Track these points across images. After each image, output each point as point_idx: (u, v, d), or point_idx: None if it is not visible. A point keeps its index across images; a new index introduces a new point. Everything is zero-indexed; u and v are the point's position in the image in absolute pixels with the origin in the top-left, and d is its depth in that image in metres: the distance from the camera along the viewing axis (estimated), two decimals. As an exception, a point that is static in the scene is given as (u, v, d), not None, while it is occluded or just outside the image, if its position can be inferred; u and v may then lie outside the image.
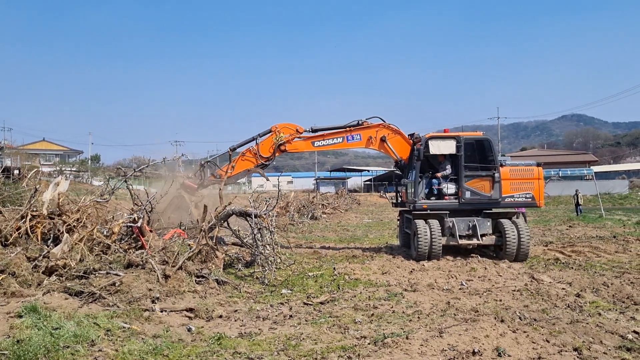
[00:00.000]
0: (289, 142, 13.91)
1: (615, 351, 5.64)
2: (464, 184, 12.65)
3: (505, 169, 12.78)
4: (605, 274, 10.33)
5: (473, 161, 12.90)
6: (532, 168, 13.01)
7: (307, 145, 14.12)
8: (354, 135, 13.94)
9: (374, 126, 13.97)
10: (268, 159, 13.96)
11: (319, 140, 14.05)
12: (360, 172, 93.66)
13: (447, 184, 12.95)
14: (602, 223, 23.05)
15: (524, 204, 12.85)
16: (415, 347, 5.59)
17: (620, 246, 14.76)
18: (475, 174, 12.76)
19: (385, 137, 13.76)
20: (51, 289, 7.50)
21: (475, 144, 13.12)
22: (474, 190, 12.66)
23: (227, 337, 6.20)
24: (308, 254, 13.95)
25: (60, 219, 8.84)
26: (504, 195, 12.63)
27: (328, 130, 14.03)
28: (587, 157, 79.43)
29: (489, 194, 12.65)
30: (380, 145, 13.88)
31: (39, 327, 5.84)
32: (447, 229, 12.62)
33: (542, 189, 12.86)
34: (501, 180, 12.59)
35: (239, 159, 13.94)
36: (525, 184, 12.79)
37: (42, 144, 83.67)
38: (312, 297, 8.57)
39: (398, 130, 14.00)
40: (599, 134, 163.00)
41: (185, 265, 8.79)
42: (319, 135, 14.04)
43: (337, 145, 14.16)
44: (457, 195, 12.74)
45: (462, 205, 12.64)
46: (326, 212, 32.41)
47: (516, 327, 6.41)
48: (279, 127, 13.91)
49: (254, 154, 13.88)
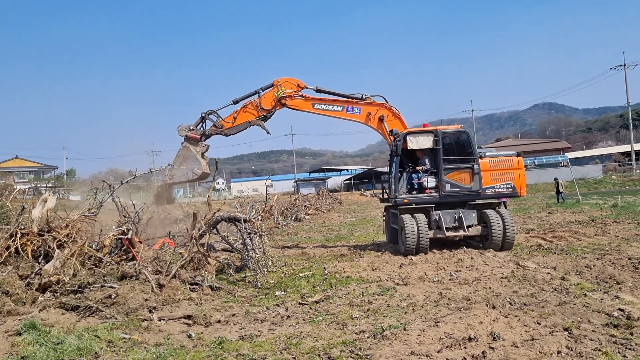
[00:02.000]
0: (290, 97, 14.12)
1: (603, 328, 5.90)
2: (444, 177, 12.74)
3: (484, 161, 12.93)
4: (587, 257, 10.67)
5: (452, 154, 12.94)
6: (511, 158, 13.15)
7: (308, 106, 14.22)
8: (354, 107, 14.06)
9: (375, 104, 14.06)
10: (269, 111, 14.16)
11: (320, 104, 14.20)
12: (339, 172, 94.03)
13: (427, 178, 13.04)
14: (580, 208, 23.61)
15: (505, 194, 12.96)
16: (414, 337, 5.77)
17: (599, 229, 15.21)
18: (454, 167, 12.83)
19: (384, 118, 13.87)
20: (47, 305, 7.51)
21: (453, 137, 13.17)
22: (454, 183, 12.76)
23: (229, 340, 6.30)
24: (297, 256, 14.06)
25: (50, 235, 8.82)
26: (485, 187, 12.76)
27: (331, 95, 14.20)
28: (560, 144, 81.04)
29: (469, 186, 12.76)
30: (377, 125, 13.96)
31: (41, 343, 5.87)
32: (434, 222, 12.71)
33: (523, 179, 12.99)
34: (481, 171, 12.71)
35: (240, 111, 14.25)
36: (505, 174, 12.90)
37: (15, 161, 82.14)
38: (307, 296, 8.70)
39: (398, 114, 14.04)
40: (570, 121, 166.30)
41: (178, 274, 8.86)
42: (321, 99, 14.21)
43: (336, 113, 14.22)
44: (438, 188, 12.83)
45: (442, 198, 12.73)
46: (309, 214, 32.52)
47: (507, 312, 6.65)
48: (280, 81, 14.12)
49: (256, 107, 14.13)
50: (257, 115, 14.15)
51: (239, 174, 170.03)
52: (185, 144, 14.06)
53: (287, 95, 14.09)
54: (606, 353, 5.01)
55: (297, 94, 14.15)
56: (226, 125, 14.18)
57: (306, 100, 14.21)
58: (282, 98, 14.04)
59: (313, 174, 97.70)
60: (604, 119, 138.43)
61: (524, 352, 5.14)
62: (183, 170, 13.95)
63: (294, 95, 14.15)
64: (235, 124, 14.20)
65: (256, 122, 14.19)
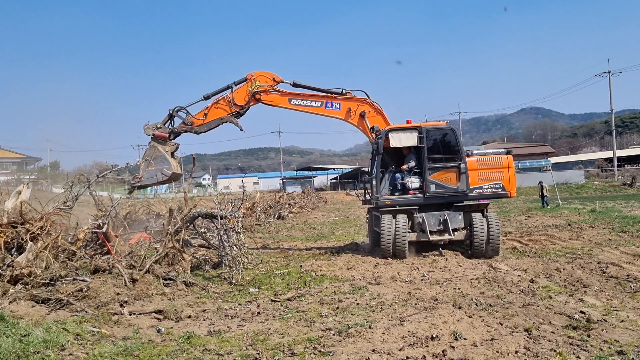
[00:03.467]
0: (265, 92, 13.38)
1: (562, 330, 6.05)
2: (428, 177, 12.06)
3: (471, 159, 12.18)
4: (559, 260, 10.86)
5: (437, 152, 12.20)
6: (500, 157, 12.37)
7: (284, 101, 13.50)
8: (334, 103, 13.40)
9: (356, 99, 13.43)
10: (242, 107, 13.40)
11: (297, 99, 13.48)
12: (326, 171, 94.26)
13: (410, 178, 12.40)
14: (559, 212, 23.95)
15: (494, 195, 12.22)
16: (378, 336, 5.88)
17: (574, 233, 15.47)
18: (440, 166, 12.12)
19: (365, 114, 13.21)
20: (17, 297, 7.48)
21: (438, 134, 12.42)
22: (439, 183, 12.06)
23: (197, 335, 6.36)
24: (275, 253, 14.14)
25: (24, 227, 8.81)
26: (472, 187, 12.02)
27: (309, 90, 13.55)
28: (545, 148, 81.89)
29: (456, 186, 12.03)
30: (358, 122, 13.34)
31: (7, 335, 5.88)
32: (417, 225, 12.02)
33: (512, 178, 12.24)
34: (468, 170, 11.98)
35: (212, 107, 13.44)
36: (494, 173, 12.13)
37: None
38: (280, 294, 8.78)
39: (380, 110, 13.41)
40: (556, 126, 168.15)
41: (152, 269, 8.88)
42: (299, 94, 13.52)
43: (314, 109, 13.49)
44: (422, 189, 12.19)
45: (427, 199, 12.05)
46: (293, 212, 32.61)
47: (472, 312, 6.78)
48: (255, 75, 13.40)
49: (228, 102, 13.37)
50: (229, 111, 13.40)
51: (226, 171, 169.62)
52: (153, 143, 13.15)
53: (261, 90, 13.35)
54: (561, 354, 5.15)
55: (272, 89, 13.46)
56: (196, 122, 13.39)
57: (282, 95, 13.54)
58: (256, 93, 13.32)
59: (300, 172, 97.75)
60: (589, 125, 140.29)
61: (482, 352, 5.26)
62: (151, 171, 13.01)
63: (269, 90, 13.44)
64: (206, 120, 13.40)
65: (228, 119, 13.41)
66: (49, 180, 61.00)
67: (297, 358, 5.36)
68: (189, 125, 13.36)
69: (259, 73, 13.46)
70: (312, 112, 13.54)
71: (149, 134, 13.13)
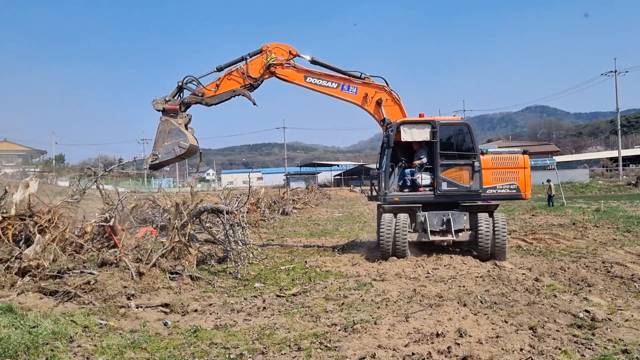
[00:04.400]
0: (281, 65, 12.74)
1: (567, 328, 6.08)
2: (440, 174, 11.50)
3: (486, 157, 11.61)
4: (563, 259, 10.88)
5: (450, 149, 11.70)
6: (517, 156, 11.82)
7: (299, 77, 12.82)
8: (350, 86, 12.76)
9: (374, 85, 12.77)
10: (256, 80, 12.74)
11: (313, 77, 12.82)
12: (330, 167, 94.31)
13: (421, 174, 11.82)
14: (564, 211, 23.94)
15: (508, 196, 11.72)
16: (383, 332, 5.92)
17: (579, 233, 15.48)
18: (452, 163, 11.57)
19: (382, 102, 12.54)
20: (25, 289, 7.56)
21: (452, 130, 11.91)
22: (451, 181, 11.50)
23: (203, 329, 6.42)
24: (280, 249, 14.19)
25: (32, 220, 8.89)
26: (485, 187, 11.46)
27: (327, 70, 12.93)
28: (549, 147, 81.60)
29: (468, 185, 11.46)
30: (375, 109, 12.66)
31: (16, 326, 5.94)
32: (419, 224, 11.48)
33: (528, 179, 11.69)
34: (482, 169, 11.46)
35: (224, 78, 12.78)
36: (509, 173, 11.58)
37: (4, 144, 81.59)
38: (285, 289, 8.83)
39: (398, 100, 12.71)
40: (561, 125, 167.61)
41: (159, 263, 8.94)
42: (315, 72, 12.87)
43: (330, 90, 12.81)
44: (433, 186, 11.61)
45: (437, 197, 11.49)
46: (297, 208, 32.66)
47: (477, 310, 6.82)
48: (270, 46, 12.77)
49: (242, 74, 12.73)
50: (243, 83, 12.72)
51: (230, 166, 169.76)
52: (165, 117, 12.46)
53: (277, 62, 12.68)
54: (566, 352, 5.18)
55: (288, 63, 12.78)
56: (207, 93, 12.67)
57: (298, 71, 12.80)
58: (271, 65, 12.65)
59: (304, 168, 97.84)
60: (594, 124, 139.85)
61: (487, 349, 5.29)
62: (167, 146, 12.31)
63: (284, 64, 12.75)
64: (218, 92, 12.69)
65: (241, 92, 12.71)
66: (54, 174, 61.29)
67: (303, 353, 5.40)
68: (199, 97, 12.72)
69: (274, 45, 12.86)
70: (327, 93, 12.90)
71: (159, 108, 12.52)
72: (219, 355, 5.44)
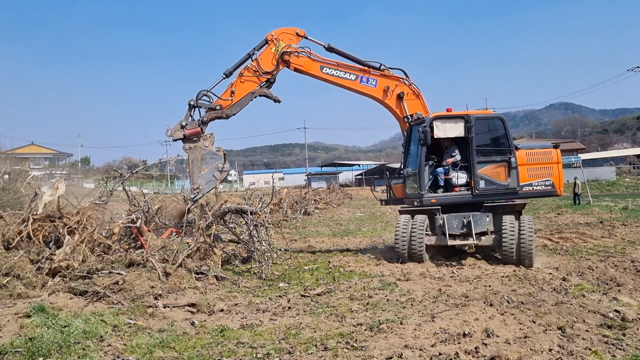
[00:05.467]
0: (296, 53, 11.80)
1: (597, 329, 5.99)
2: (477, 172, 10.86)
3: (520, 153, 11.10)
4: (591, 258, 10.71)
5: (485, 144, 11.10)
6: (550, 151, 11.37)
7: (315, 68, 11.92)
8: (370, 79, 11.98)
9: (394, 78, 12.10)
10: (271, 73, 11.77)
11: (330, 68, 11.95)
12: (351, 167, 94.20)
13: (457, 173, 11.17)
14: (590, 210, 23.55)
15: (544, 193, 11.27)
16: (409, 331, 5.91)
17: (606, 231, 15.22)
18: (489, 160, 10.99)
19: (404, 96, 11.92)
20: (56, 289, 7.73)
21: (487, 125, 11.27)
22: (489, 179, 10.90)
23: (230, 329, 6.48)
24: (303, 249, 14.23)
25: (61, 221, 9.05)
26: (522, 184, 10.95)
27: (344, 60, 12.11)
28: (574, 145, 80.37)
29: (506, 183, 10.89)
30: (396, 104, 12.01)
31: (49, 326, 6.07)
32: (438, 227, 10.89)
33: (561, 175, 11.29)
34: (518, 165, 10.92)
35: (237, 82, 11.71)
36: (544, 169, 11.13)
37: (31, 147, 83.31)
38: (309, 289, 8.86)
39: (419, 93, 12.11)
40: (586, 122, 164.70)
41: (184, 263, 9.05)
42: (332, 62, 12.02)
43: (348, 83, 12.00)
44: (470, 185, 10.99)
45: (475, 197, 10.91)
46: (319, 207, 32.72)
47: (504, 310, 6.76)
48: (275, 34, 11.84)
49: (254, 72, 11.73)
50: (258, 82, 11.75)
51: (252, 166, 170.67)
52: (188, 145, 11.43)
53: (290, 50, 11.74)
54: (596, 352, 5.11)
55: (303, 51, 11.86)
56: (224, 103, 11.57)
57: (314, 61, 11.92)
58: (284, 54, 11.71)
59: (325, 168, 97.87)
60: (620, 121, 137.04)
61: (516, 349, 5.25)
62: (206, 175, 11.32)
63: (299, 52, 11.83)
64: (235, 100, 11.62)
65: (260, 92, 11.78)
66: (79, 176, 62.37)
67: (330, 353, 5.42)
68: (218, 110, 11.57)
69: (279, 31, 11.91)
70: (344, 86, 12.12)
71: (179, 136, 11.35)
72: (246, 354, 5.49)
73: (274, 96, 11.92)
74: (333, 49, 12.07)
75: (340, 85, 12.12)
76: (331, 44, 12.05)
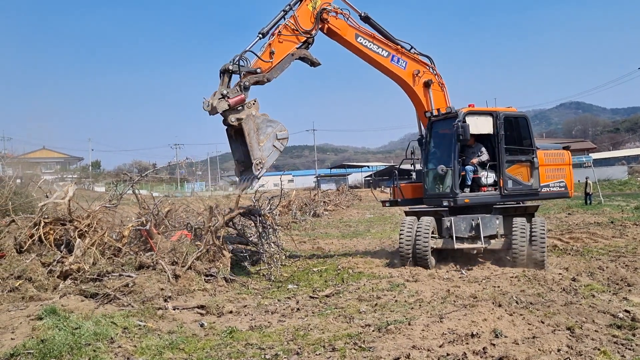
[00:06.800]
0: (334, 13, 10.99)
1: (606, 329, 5.97)
2: (506, 171, 10.55)
3: (540, 154, 10.87)
4: (602, 259, 10.65)
5: (511, 143, 10.76)
6: (562, 152, 11.35)
7: (350, 34, 11.16)
8: (400, 59, 11.41)
9: (422, 63, 11.62)
10: (310, 32, 10.81)
11: (364, 38, 11.23)
12: (360, 168, 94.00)
13: (486, 172, 10.78)
14: (601, 209, 23.36)
15: (558, 194, 11.17)
16: (417, 332, 5.92)
17: (617, 231, 15.09)
18: (515, 159, 10.72)
19: (431, 84, 11.46)
20: (67, 292, 7.81)
21: (513, 122, 10.90)
22: (516, 179, 10.63)
23: (239, 330, 6.53)
24: (312, 250, 14.26)
25: (72, 224, 9.15)
26: (542, 185, 10.77)
27: (378, 34, 11.41)
28: (585, 144, 79.74)
29: (530, 183, 10.68)
30: (423, 91, 11.50)
31: (60, 328, 6.15)
32: (446, 230, 10.56)
33: (572, 177, 11.26)
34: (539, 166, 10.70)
35: (275, 42, 10.50)
36: (558, 170, 11.06)
37: (43, 152, 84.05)
38: (318, 290, 8.89)
39: (444, 85, 11.68)
40: (597, 121, 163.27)
41: (194, 265, 9.12)
42: (368, 33, 11.29)
43: (379, 58, 11.30)
44: (499, 185, 10.61)
45: (504, 197, 10.58)
46: (328, 209, 32.69)
47: (513, 310, 6.75)
48: None
49: (293, 30, 10.68)
50: (297, 42, 10.73)
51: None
52: (235, 116, 9.85)
53: (330, 9, 10.90)
54: (605, 352, 5.09)
55: (341, 12, 11.08)
56: (264, 65, 10.32)
57: (351, 26, 11.16)
58: (324, 11, 10.81)
59: (334, 170, 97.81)
60: (632, 119, 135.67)
61: (524, 349, 5.24)
62: (265, 146, 10.04)
63: (338, 12, 11.04)
64: (275, 62, 10.44)
65: (301, 53, 10.78)
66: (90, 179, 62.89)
67: (338, 353, 5.44)
68: (259, 74, 10.31)
69: None
70: (374, 61, 11.42)
71: (224, 107, 9.75)
72: (255, 355, 5.53)
73: (314, 58, 11.00)
74: (369, 19, 11.34)
75: (369, 60, 11.44)
76: (368, 13, 11.30)
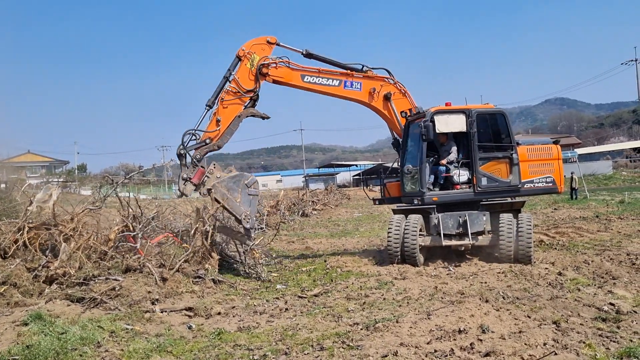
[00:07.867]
0: (274, 65, 11.01)
1: (591, 322, 6.03)
2: (479, 169, 10.52)
3: (521, 149, 10.82)
4: (587, 253, 10.75)
5: (487, 140, 10.74)
6: (550, 147, 11.20)
7: (295, 78, 11.19)
8: (353, 82, 11.43)
9: (378, 78, 11.61)
10: (253, 91, 10.94)
11: (311, 76, 11.27)
12: (348, 167, 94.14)
13: (458, 170, 10.76)
14: (587, 204, 23.62)
15: (545, 189, 11.10)
16: (405, 329, 5.94)
17: (603, 225, 15.27)
18: (490, 156, 10.67)
19: (391, 96, 11.50)
20: (53, 297, 7.73)
21: (488, 119, 10.89)
22: (491, 176, 10.57)
23: (227, 331, 6.50)
24: (300, 250, 14.25)
25: (57, 229, 9.06)
26: (523, 181, 10.70)
27: (325, 65, 11.48)
28: (571, 140, 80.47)
29: (508, 180, 10.60)
30: (383, 105, 11.57)
31: (46, 333, 6.08)
32: (433, 227, 10.52)
33: (562, 171, 11.14)
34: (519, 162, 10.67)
35: (220, 110, 10.74)
36: (545, 165, 10.92)
37: (28, 156, 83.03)
38: (306, 290, 8.90)
39: (406, 91, 11.71)
40: (582, 117, 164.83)
41: (181, 267, 9.08)
42: (313, 70, 11.33)
43: (332, 89, 11.37)
44: (472, 183, 10.59)
45: (478, 194, 10.57)
46: (316, 209, 32.68)
47: (499, 305, 6.79)
48: (246, 48, 10.93)
49: (235, 93, 10.82)
50: (242, 103, 10.93)
51: (249, 169, 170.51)
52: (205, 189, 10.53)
53: (267, 62, 10.94)
54: (590, 345, 5.14)
55: (281, 61, 11.08)
56: (213, 135, 10.67)
57: (293, 70, 11.18)
58: (262, 67, 10.86)
59: (322, 170, 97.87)
60: (616, 115, 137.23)
61: (511, 344, 5.28)
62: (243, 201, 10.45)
63: (277, 62, 11.05)
64: (222, 128, 10.72)
65: (247, 113, 10.98)
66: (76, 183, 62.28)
67: (326, 352, 5.44)
68: (209, 144, 10.70)
69: (249, 44, 11.02)
70: (328, 93, 11.49)
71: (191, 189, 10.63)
72: (243, 356, 5.51)
73: (261, 114, 11.20)
74: (312, 54, 11.35)
75: (323, 93, 11.55)
76: (309, 49, 11.28)
